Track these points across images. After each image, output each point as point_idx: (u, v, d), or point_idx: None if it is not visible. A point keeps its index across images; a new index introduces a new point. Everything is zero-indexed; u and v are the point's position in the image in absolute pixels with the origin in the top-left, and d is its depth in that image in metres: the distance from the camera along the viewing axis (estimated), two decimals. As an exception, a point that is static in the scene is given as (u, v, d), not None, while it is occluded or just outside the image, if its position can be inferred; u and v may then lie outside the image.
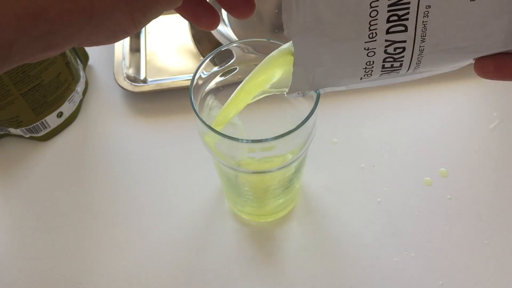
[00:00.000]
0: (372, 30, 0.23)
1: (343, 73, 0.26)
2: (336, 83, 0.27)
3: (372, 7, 0.22)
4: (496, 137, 0.47)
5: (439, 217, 0.41)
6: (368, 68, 0.25)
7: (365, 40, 0.24)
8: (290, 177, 0.37)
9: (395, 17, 0.22)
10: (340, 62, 0.25)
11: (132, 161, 0.46)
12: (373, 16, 0.22)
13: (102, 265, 0.40)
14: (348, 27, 0.23)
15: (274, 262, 0.39)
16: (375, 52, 0.24)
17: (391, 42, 0.23)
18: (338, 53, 0.25)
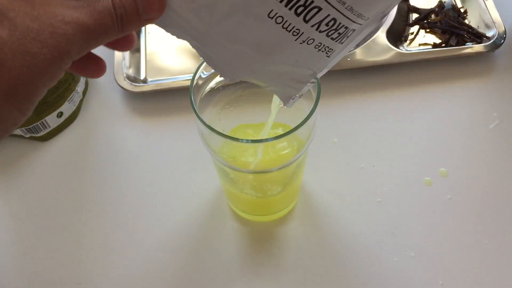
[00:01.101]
0: (291, 31, 0.23)
1: (312, 66, 0.26)
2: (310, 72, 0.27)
3: (270, 17, 0.23)
4: (496, 137, 0.47)
5: (439, 217, 0.41)
6: (321, 48, 0.25)
7: (296, 40, 0.24)
8: (290, 177, 0.37)
9: (300, 8, 0.23)
10: (300, 64, 0.26)
11: (132, 161, 0.46)
12: (279, 22, 0.23)
13: (102, 265, 0.40)
14: (271, 43, 0.24)
15: (274, 262, 0.39)
16: (314, 39, 0.24)
17: (317, 23, 0.23)
18: (293, 59, 0.25)
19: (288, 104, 0.28)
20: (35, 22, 0.19)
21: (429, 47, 0.53)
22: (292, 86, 0.28)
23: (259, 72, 0.26)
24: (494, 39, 0.51)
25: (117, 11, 0.20)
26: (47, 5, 0.20)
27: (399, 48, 0.52)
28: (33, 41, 0.19)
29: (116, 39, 0.22)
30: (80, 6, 0.20)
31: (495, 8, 0.54)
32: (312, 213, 0.42)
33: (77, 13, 0.20)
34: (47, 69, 0.20)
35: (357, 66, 0.50)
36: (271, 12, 0.22)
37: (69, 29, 0.20)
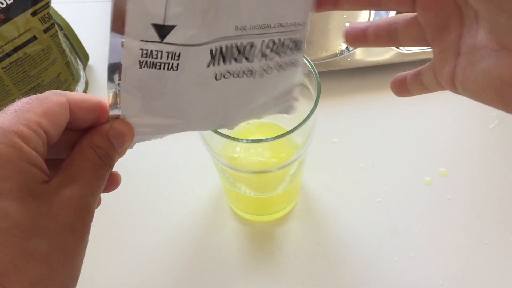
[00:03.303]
0: (244, 76, 0.24)
1: (289, 82, 0.27)
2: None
3: (218, 79, 0.23)
4: (496, 137, 0.47)
5: (439, 217, 0.41)
6: (285, 67, 0.25)
7: (255, 78, 0.25)
8: (290, 177, 0.37)
9: (236, 54, 0.23)
10: (279, 88, 0.26)
11: (132, 161, 0.46)
12: (227, 77, 0.24)
13: (102, 265, 0.40)
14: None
15: (274, 262, 0.39)
16: (270, 66, 0.25)
17: (261, 54, 0.24)
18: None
19: (291, 112, 0.29)
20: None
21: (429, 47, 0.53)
22: (284, 101, 0.28)
23: (251, 115, 0.26)
24: (494, 39, 0.51)
25: (104, 160, 0.22)
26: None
27: (399, 48, 0.52)
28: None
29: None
30: (79, 175, 0.21)
31: (495, 8, 0.54)
32: (312, 213, 0.42)
33: (82, 184, 0.21)
34: (79, 248, 0.22)
35: (357, 66, 0.50)
36: (216, 75, 0.23)
37: (84, 201, 0.21)
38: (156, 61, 0.22)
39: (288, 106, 0.28)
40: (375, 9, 0.25)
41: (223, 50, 0.23)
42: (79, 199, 0.21)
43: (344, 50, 0.53)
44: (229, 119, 0.26)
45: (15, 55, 0.41)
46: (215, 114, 0.25)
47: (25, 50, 0.42)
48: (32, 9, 0.41)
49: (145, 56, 0.21)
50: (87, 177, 0.21)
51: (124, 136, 0.23)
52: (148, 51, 0.21)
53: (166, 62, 0.22)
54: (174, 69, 0.22)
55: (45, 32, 0.43)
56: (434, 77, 0.25)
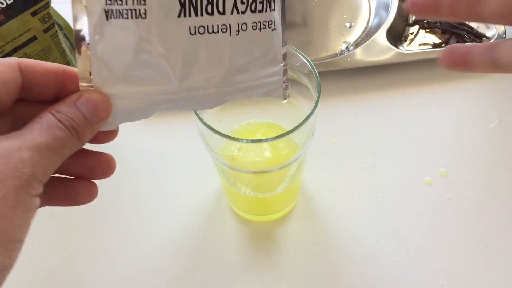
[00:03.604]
0: (219, 31, 0.23)
1: (269, 48, 0.26)
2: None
3: (193, 33, 0.23)
4: (496, 137, 0.47)
5: (439, 217, 0.41)
6: (260, 26, 0.25)
7: (231, 35, 0.24)
8: (290, 177, 0.37)
9: (209, 6, 0.23)
10: (258, 54, 0.26)
11: (132, 161, 0.46)
12: (202, 32, 0.23)
13: (102, 265, 0.40)
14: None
15: (274, 262, 0.39)
16: (245, 22, 0.24)
17: (233, 7, 0.24)
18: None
19: (284, 96, 0.28)
20: None
21: (429, 47, 0.53)
22: (271, 77, 0.27)
23: (237, 87, 0.25)
24: (493, 39, 0.51)
25: (64, 123, 0.20)
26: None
27: (399, 48, 0.52)
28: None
29: (94, 136, 0.22)
30: (26, 133, 0.19)
31: (495, 8, 0.54)
32: (312, 213, 0.42)
33: (26, 137, 0.19)
34: (15, 201, 0.18)
35: (357, 66, 0.50)
36: (190, 29, 0.22)
37: (24, 153, 0.19)
38: (122, 8, 0.21)
39: (275, 87, 0.27)
40: (476, 21, 0.23)
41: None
42: (16, 150, 0.18)
43: (344, 50, 0.53)
44: (212, 83, 0.24)
45: (15, 55, 0.41)
46: (197, 75, 0.24)
47: (25, 50, 0.42)
48: (32, 9, 0.41)
49: (109, 3, 0.20)
50: (33, 134, 0.19)
51: (96, 105, 0.21)
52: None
53: (133, 8, 0.21)
54: (142, 16, 0.21)
55: (45, 32, 0.43)
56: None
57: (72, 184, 0.24)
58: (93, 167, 0.24)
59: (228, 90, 0.25)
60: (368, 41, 0.52)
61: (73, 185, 0.24)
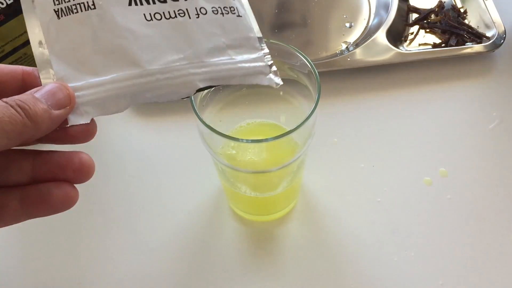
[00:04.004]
0: (177, 16, 0.24)
1: (239, 33, 0.26)
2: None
3: (148, 20, 0.23)
4: (496, 137, 0.47)
5: (439, 217, 0.41)
6: (220, 11, 0.25)
7: (190, 18, 0.24)
8: (290, 177, 0.37)
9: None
10: (226, 38, 0.26)
11: (132, 161, 0.46)
12: (158, 18, 0.23)
13: (102, 265, 0.40)
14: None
15: (274, 262, 0.39)
16: (204, 7, 0.24)
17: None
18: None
19: (275, 81, 0.27)
20: None
21: (429, 47, 0.53)
22: (255, 66, 0.27)
23: (211, 70, 0.25)
24: (494, 39, 0.51)
25: (11, 103, 0.19)
26: None
27: (399, 48, 0.52)
28: None
29: (66, 134, 0.22)
30: None
31: (495, 8, 0.54)
32: (312, 213, 0.42)
33: None
34: None
35: (357, 66, 0.50)
36: (145, 16, 0.23)
37: None
38: (70, 4, 0.21)
39: (260, 73, 0.27)
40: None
41: None
42: None
43: (344, 50, 0.53)
44: (183, 64, 0.24)
45: (15, 55, 0.41)
46: (164, 57, 0.23)
47: (25, 50, 0.42)
48: (32, 9, 0.41)
49: (58, 2, 0.21)
50: None
51: (53, 92, 0.20)
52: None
53: (80, 2, 0.21)
54: (91, 7, 0.21)
55: (45, 32, 0.43)
56: None
57: (45, 187, 0.23)
58: (63, 165, 0.23)
59: (203, 71, 0.24)
60: (368, 41, 0.52)
61: (46, 188, 0.23)
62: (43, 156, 0.23)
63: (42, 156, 0.23)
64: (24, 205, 0.23)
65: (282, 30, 0.56)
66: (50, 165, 0.23)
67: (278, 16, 0.57)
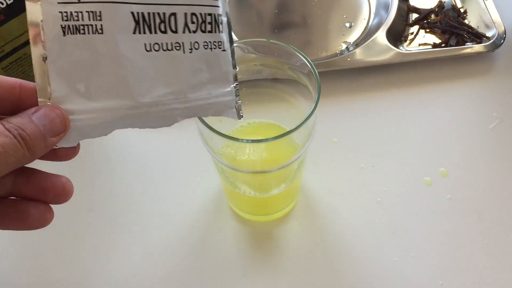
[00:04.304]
0: (173, 48, 0.24)
1: (220, 66, 0.27)
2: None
3: (148, 50, 0.23)
4: (496, 137, 0.47)
5: (439, 217, 0.41)
6: (210, 45, 0.26)
7: (184, 52, 0.25)
8: (290, 177, 0.37)
9: (162, 24, 0.24)
10: (210, 71, 0.26)
11: (132, 161, 0.46)
12: (157, 49, 0.24)
13: (102, 265, 0.40)
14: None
15: (274, 262, 0.39)
16: (197, 41, 0.25)
17: (185, 27, 0.24)
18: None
19: (238, 117, 0.28)
20: None
21: (429, 47, 0.53)
22: (225, 100, 0.27)
23: (190, 106, 0.26)
24: (494, 39, 0.51)
25: (12, 131, 0.19)
26: None
27: (399, 48, 0.52)
28: None
29: (53, 153, 0.22)
30: None
31: (495, 8, 0.54)
32: (312, 213, 0.42)
33: None
34: None
35: (357, 66, 0.50)
36: (146, 46, 0.23)
37: None
38: (79, 23, 0.21)
39: (228, 107, 0.27)
40: None
41: (145, 17, 0.23)
42: None
43: (344, 50, 0.53)
44: (170, 99, 0.25)
45: (15, 55, 0.41)
46: (156, 90, 0.24)
47: (25, 50, 0.42)
48: (32, 9, 0.41)
49: (66, 19, 0.21)
50: None
51: (52, 119, 0.21)
52: (68, 13, 0.21)
53: (89, 24, 0.21)
54: (99, 31, 0.21)
55: (45, 32, 0.43)
56: None
57: (23, 205, 0.23)
58: (46, 188, 0.23)
59: (185, 107, 0.25)
60: (368, 41, 0.52)
61: (24, 206, 0.23)
62: (26, 175, 0.23)
63: (25, 175, 0.23)
64: (0, 218, 0.23)
65: (282, 30, 0.56)
66: (32, 186, 0.23)
67: (278, 16, 0.57)
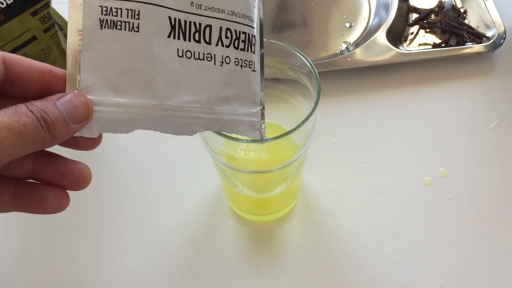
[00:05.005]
0: (204, 58, 0.25)
1: (248, 87, 0.27)
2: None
3: (180, 56, 0.24)
4: (496, 137, 0.47)
5: (439, 217, 0.41)
6: (241, 63, 0.26)
7: (215, 64, 0.25)
8: (290, 177, 0.37)
9: (196, 34, 0.24)
10: (238, 89, 0.26)
11: (132, 161, 0.46)
12: (189, 56, 0.24)
13: (102, 265, 0.40)
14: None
15: (274, 262, 0.39)
16: (229, 56, 0.25)
17: (218, 40, 0.25)
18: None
19: (261, 136, 0.28)
20: None
21: (429, 47, 0.53)
22: (250, 120, 0.27)
23: (214, 118, 0.26)
24: (494, 39, 0.51)
25: (35, 113, 0.20)
26: None
27: (399, 48, 0.52)
28: None
29: (73, 141, 0.22)
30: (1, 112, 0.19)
31: (495, 8, 0.54)
32: (312, 213, 0.42)
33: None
34: None
35: (357, 66, 0.50)
36: (178, 51, 0.23)
37: None
38: (117, 19, 0.21)
39: (253, 127, 0.28)
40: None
41: (181, 24, 0.23)
42: None
43: (344, 50, 0.53)
44: (195, 107, 0.25)
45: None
46: (182, 96, 0.24)
47: (25, 50, 0.42)
48: (32, 9, 0.41)
49: (105, 13, 0.21)
50: (8, 115, 0.19)
51: (75, 105, 0.21)
52: (108, 8, 0.21)
53: (127, 21, 0.22)
54: (135, 30, 0.22)
55: (45, 32, 0.43)
56: None
57: (41, 189, 0.23)
58: (64, 174, 0.24)
59: (209, 118, 0.25)
60: (368, 41, 0.52)
61: (42, 190, 0.23)
62: (46, 159, 0.23)
63: (45, 159, 0.23)
64: (16, 200, 0.23)
65: (282, 30, 0.56)
66: (51, 170, 0.23)
67: (278, 16, 0.57)
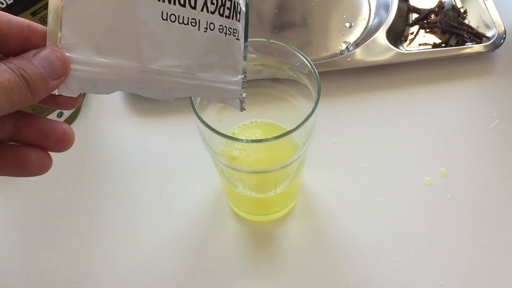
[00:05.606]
0: (189, 23, 0.25)
1: (230, 54, 0.27)
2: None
3: (164, 19, 0.24)
4: (496, 137, 0.47)
5: (439, 217, 0.41)
6: (225, 30, 0.26)
7: (199, 30, 0.25)
8: (290, 177, 0.37)
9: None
10: (221, 55, 0.26)
11: (132, 161, 0.46)
12: (173, 20, 0.24)
13: (102, 265, 0.40)
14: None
15: (274, 262, 0.39)
16: (213, 23, 0.25)
17: (203, 5, 0.25)
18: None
19: (240, 108, 0.28)
20: None
21: (429, 47, 0.53)
22: (230, 89, 0.27)
23: (195, 84, 0.26)
24: (494, 39, 0.51)
25: (15, 71, 0.19)
26: None
27: (399, 48, 0.52)
28: None
29: (53, 100, 0.22)
30: None
31: (495, 8, 0.54)
32: (312, 213, 0.42)
33: None
34: None
35: (357, 66, 0.50)
36: (162, 14, 0.23)
37: None
38: None
39: (233, 96, 0.28)
40: None
41: None
42: None
43: (344, 50, 0.53)
44: (178, 71, 0.25)
45: (15, 55, 0.41)
46: (165, 60, 0.24)
47: (25, 50, 0.42)
48: (32, 9, 0.41)
49: None
50: None
51: (51, 61, 0.20)
52: None
53: None
54: None
55: (45, 32, 0.43)
56: None
57: (22, 150, 0.23)
58: (47, 133, 0.23)
59: (191, 83, 0.25)
60: (368, 41, 0.52)
61: (23, 152, 0.23)
62: (27, 119, 0.23)
63: (27, 119, 0.23)
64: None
65: (282, 30, 0.56)
66: (34, 130, 0.23)
67: (278, 16, 0.57)
